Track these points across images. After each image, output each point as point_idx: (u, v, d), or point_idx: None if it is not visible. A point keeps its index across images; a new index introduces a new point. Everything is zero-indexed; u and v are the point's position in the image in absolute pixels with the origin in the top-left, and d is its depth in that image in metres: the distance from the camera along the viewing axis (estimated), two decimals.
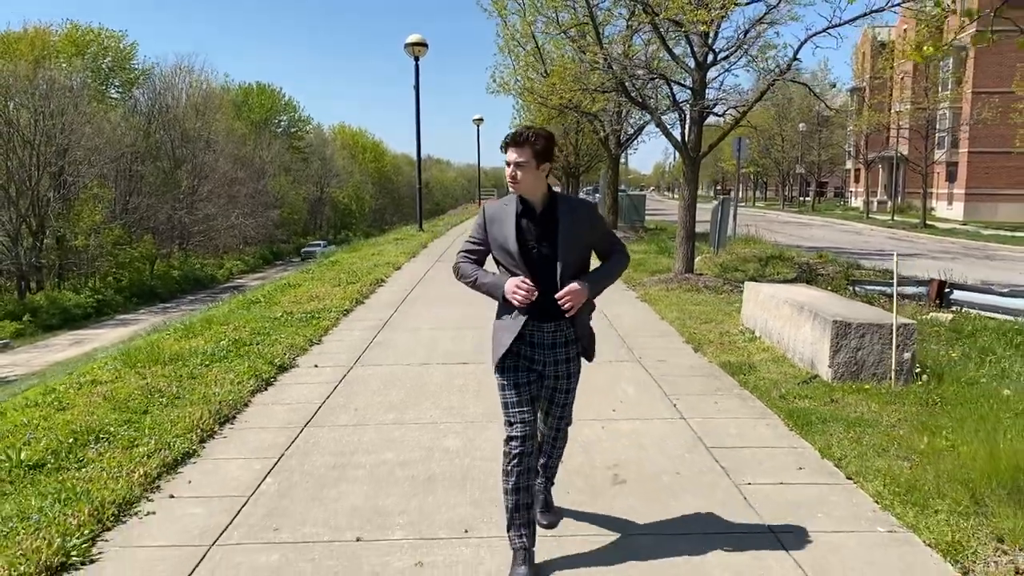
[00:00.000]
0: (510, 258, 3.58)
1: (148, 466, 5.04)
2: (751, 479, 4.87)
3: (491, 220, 3.67)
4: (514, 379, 3.65)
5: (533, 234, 3.59)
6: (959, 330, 9.41)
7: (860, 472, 4.92)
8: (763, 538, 4.09)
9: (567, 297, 3.49)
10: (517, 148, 3.52)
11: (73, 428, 5.77)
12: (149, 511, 4.54)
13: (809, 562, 3.82)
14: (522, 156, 3.51)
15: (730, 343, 8.78)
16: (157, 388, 6.88)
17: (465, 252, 3.77)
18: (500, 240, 3.61)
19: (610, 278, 3.80)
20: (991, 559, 3.78)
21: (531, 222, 3.60)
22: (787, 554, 3.91)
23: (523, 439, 3.57)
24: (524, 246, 3.57)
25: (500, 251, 3.64)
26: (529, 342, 3.67)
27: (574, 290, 3.51)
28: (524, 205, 3.62)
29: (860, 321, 7.08)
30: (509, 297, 3.50)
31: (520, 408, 3.61)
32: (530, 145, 3.51)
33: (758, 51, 12.33)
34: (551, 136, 3.62)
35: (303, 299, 11.90)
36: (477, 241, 3.73)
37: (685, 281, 13.26)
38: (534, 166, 3.54)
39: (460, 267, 3.77)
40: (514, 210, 3.61)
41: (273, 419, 6.27)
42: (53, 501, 4.48)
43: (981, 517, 4.21)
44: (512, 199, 3.66)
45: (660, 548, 3.96)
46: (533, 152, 3.52)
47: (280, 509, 4.56)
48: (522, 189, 3.57)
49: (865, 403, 6.38)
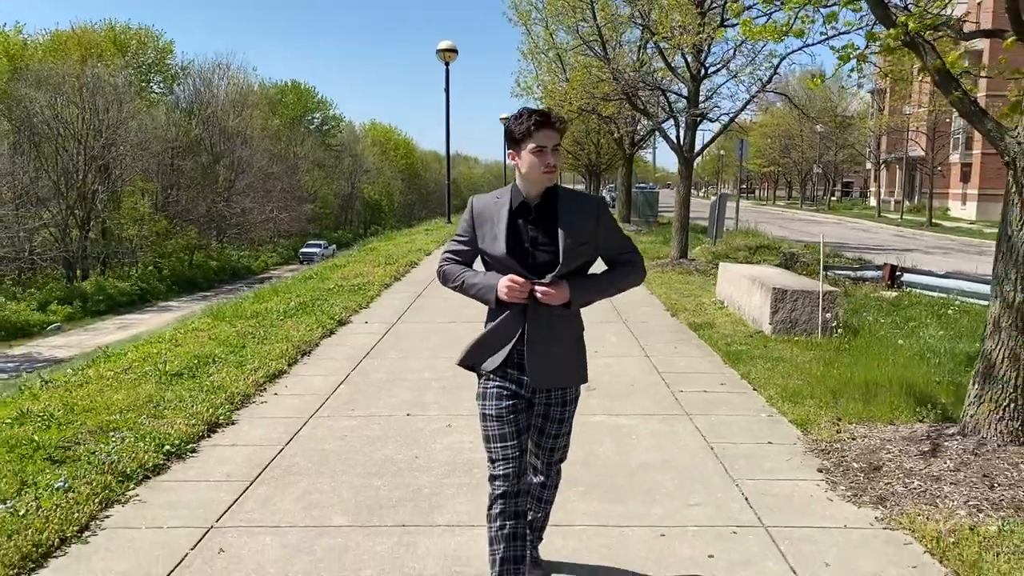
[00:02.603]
0: (500, 263, 3.04)
1: (256, 376, 7.12)
2: (685, 388, 6.86)
3: (480, 218, 3.12)
4: (497, 407, 3.10)
5: (529, 236, 3.04)
6: (897, 304, 11.31)
7: (763, 385, 6.89)
8: (681, 417, 6.07)
9: (544, 291, 2.97)
10: (552, 129, 2.96)
11: (193, 355, 7.87)
12: (263, 401, 6.62)
13: (706, 428, 5.80)
14: (556, 139, 2.99)
15: (702, 311, 10.74)
16: (248, 332, 8.98)
17: (450, 253, 3.25)
18: (489, 241, 3.07)
19: (610, 288, 3.19)
20: (824, 425, 5.73)
21: (527, 221, 3.05)
22: (693, 424, 5.89)
23: (509, 478, 3.05)
24: (519, 250, 3.03)
25: (489, 255, 3.09)
26: (517, 363, 3.11)
27: (554, 288, 2.98)
28: (520, 200, 3.06)
29: (795, 288, 9.01)
30: (503, 295, 2.98)
31: (505, 443, 3.08)
32: (561, 127, 3.01)
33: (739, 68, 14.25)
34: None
35: (350, 276, 14.03)
36: (463, 240, 3.19)
37: (679, 265, 15.22)
38: (560, 151, 3.07)
39: (444, 270, 3.24)
40: (507, 207, 3.06)
41: (339, 354, 8.34)
42: (199, 391, 6.56)
43: (833, 408, 6.16)
44: (505, 193, 3.11)
45: (611, 421, 5.95)
46: (561, 135, 3.04)
47: (352, 401, 6.61)
48: (554, 180, 3.05)
49: (790, 349, 8.32)
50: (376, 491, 4.66)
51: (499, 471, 3.06)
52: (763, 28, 6.61)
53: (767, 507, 4.42)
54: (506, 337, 3.09)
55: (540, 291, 2.96)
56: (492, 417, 3.11)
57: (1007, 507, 4.25)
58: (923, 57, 4.89)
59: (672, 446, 5.42)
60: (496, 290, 3.00)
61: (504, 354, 3.09)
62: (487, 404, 3.13)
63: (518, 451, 3.09)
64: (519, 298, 2.97)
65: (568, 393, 3.22)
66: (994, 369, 4.89)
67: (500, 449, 3.08)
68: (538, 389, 3.15)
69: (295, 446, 5.47)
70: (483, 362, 3.14)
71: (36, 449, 5.15)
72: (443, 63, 28.00)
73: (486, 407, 3.13)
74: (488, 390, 3.14)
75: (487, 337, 3.13)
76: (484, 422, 3.14)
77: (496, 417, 3.10)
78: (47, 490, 4.47)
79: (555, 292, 2.97)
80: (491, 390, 3.13)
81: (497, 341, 3.11)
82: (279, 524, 4.23)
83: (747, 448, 5.40)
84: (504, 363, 3.11)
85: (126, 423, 5.70)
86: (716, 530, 4.13)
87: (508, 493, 3.04)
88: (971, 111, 4.87)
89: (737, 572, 3.70)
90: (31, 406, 6.10)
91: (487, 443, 3.13)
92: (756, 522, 4.24)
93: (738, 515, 4.33)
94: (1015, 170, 4.75)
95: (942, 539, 3.93)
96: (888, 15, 4.97)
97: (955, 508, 4.29)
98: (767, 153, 70.58)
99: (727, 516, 4.31)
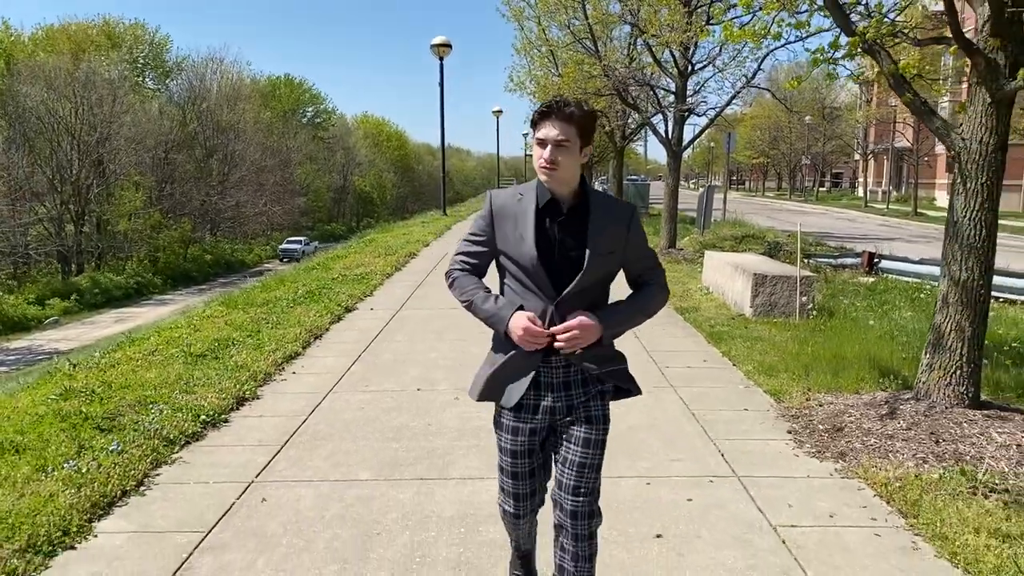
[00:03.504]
0: (524, 269, 2.72)
1: (275, 357, 7.69)
2: (670, 365, 7.46)
3: (500, 215, 2.78)
4: (512, 442, 2.88)
5: (557, 238, 2.72)
6: (874, 288, 11.95)
7: (742, 361, 7.49)
8: (667, 389, 6.66)
9: (569, 335, 2.64)
10: (561, 122, 2.63)
11: (213, 338, 8.43)
12: (283, 379, 7.19)
13: (688, 396, 6.40)
14: (565, 134, 2.63)
15: (688, 296, 11.34)
16: (261, 318, 9.55)
17: (464, 255, 2.89)
18: (513, 243, 2.74)
19: (641, 315, 2.88)
20: (796, 395, 6.34)
21: (555, 222, 2.73)
22: (677, 395, 6.49)
23: (519, 518, 3.02)
24: (547, 254, 2.70)
25: (511, 258, 2.76)
26: (533, 382, 2.81)
27: (584, 325, 2.65)
28: (548, 199, 2.73)
29: (774, 274, 9.62)
30: (516, 340, 2.68)
31: (517, 482, 2.92)
32: (576, 121, 2.64)
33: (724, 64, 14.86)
34: (594, 111, 2.81)
35: (352, 266, 14.59)
36: (479, 240, 2.84)
37: (668, 254, 15.83)
38: (577, 149, 2.67)
39: (456, 278, 2.88)
40: (533, 204, 2.73)
41: (349, 337, 8.91)
42: (223, 370, 7.13)
43: (804, 380, 6.76)
44: (529, 189, 2.78)
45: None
46: (579, 130, 2.66)
47: (365, 378, 7.18)
48: (560, 180, 2.69)
49: (768, 329, 8.93)
50: (395, 452, 5.24)
51: (509, 507, 2.99)
52: (743, 31, 7.18)
53: (740, 461, 5.02)
54: (521, 374, 2.82)
55: (564, 339, 2.65)
56: (507, 451, 2.90)
57: (949, 459, 4.86)
58: (880, 62, 5.47)
59: (658, 413, 6.02)
60: (507, 327, 2.69)
61: (521, 392, 2.81)
62: (503, 436, 2.91)
63: (530, 490, 2.95)
64: (534, 347, 2.68)
65: (592, 407, 2.85)
66: (943, 340, 5.50)
67: (513, 486, 2.94)
68: (557, 411, 2.83)
69: (318, 416, 6.05)
70: (499, 398, 2.87)
71: (85, 419, 5.71)
72: (437, 58, 28.51)
73: (502, 439, 2.92)
74: (504, 420, 2.89)
75: (500, 373, 2.85)
76: (500, 452, 2.94)
77: (511, 453, 2.89)
78: (102, 452, 5.04)
79: (580, 333, 2.64)
80: (506, 422, 2.88)
81: (510, 378, 2.84)
82: (311, 479, 4.82)
83: (725, 414, 6.00)
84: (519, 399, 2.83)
85: (161, 397, 6.27)
86: (694, 479, 4.74)
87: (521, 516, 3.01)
88: (921, 110, 5.47)
89: (711, 512, 4.30)
90: (72, 383, 6.65)
91: (500, 473, 2.97)
92: (730, 473, 4.84)
93: (714, 468, 4.93)
94: (960, 163, 5.35)
95: (890, 484, 4.55)
96: (848, 24, 5.55)
97: (904, 460, 4.90)
98: (757, 145, 71.24)
99: (704, 468, 4.91)
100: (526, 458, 2.87)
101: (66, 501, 4.27)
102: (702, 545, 3.92)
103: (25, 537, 3.88)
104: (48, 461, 4.87)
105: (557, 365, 2.80)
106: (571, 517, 2.81)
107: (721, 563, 3.75)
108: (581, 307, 2.70)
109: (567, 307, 2.70)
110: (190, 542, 3.99)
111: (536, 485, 2.94)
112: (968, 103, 5.28)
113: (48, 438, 5.30)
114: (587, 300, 2.74)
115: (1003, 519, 4.07)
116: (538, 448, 2.89)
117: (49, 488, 4.44)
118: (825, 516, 4.26)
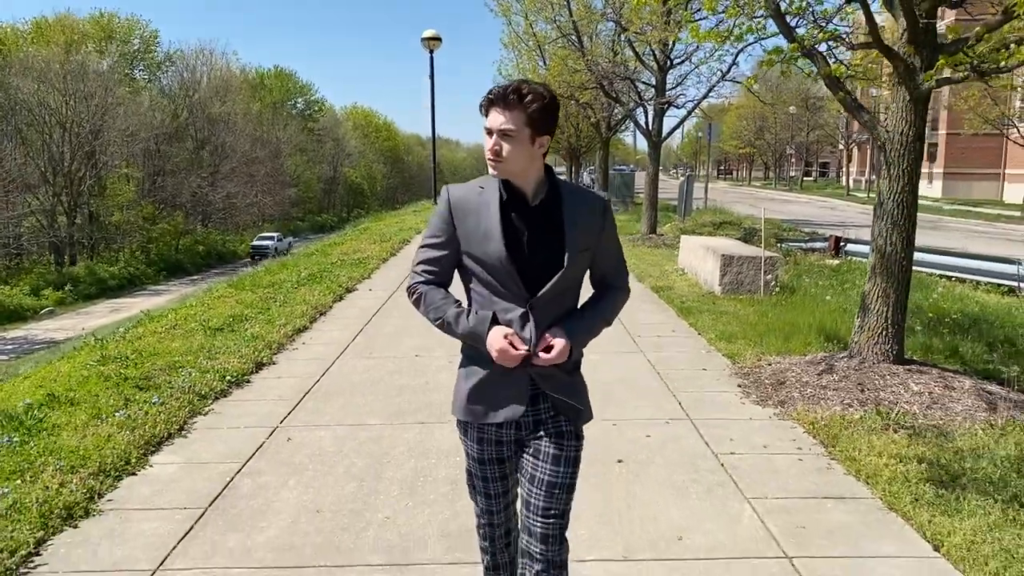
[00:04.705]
0: (492, 269, 2.47)
1: (286, 330, 8.50)
2: (642, 334, 8.31)
3: (461, 211, 2.51)
4: (478, 450, 2.66)
5: (526, 234, 2.48)
6: (838, 269, 12.83)
7: (706, 331, 8.36)
8: (637, 354, 7.52)
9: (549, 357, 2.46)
10: (505, 109, 2.41)
11: (227, 315, 9.23)
12: (294, 348, 8.01)
13: (656, 360, 7.26)
14: (513, 123, 2.40)
15: (664, 277, 12.21)
16: (269, 298, 10.35)
17: (424, 264, 2.59)
18: (477, 241, 2.47)
19: (604, 324, 2.69)
20: (749, 357, 7.20)
21: (522, 217, 2.49)
22: (646, 358, 7.34)
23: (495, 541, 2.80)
24: (516, 251, 2.45)
25: (476, 258, 2.49)
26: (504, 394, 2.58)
27: (560, 349, 2.46)
28: (510, 191, 2.50)
29: (740, 255, 10.48)
30: (496, 358, 2.45)
31: (488, 484, 2.69)
32: (523, 107, 2.40)
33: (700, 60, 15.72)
34: (553, 98, 2.49)
35: (349, 252, 15.41)
36: (439, 242, 2.55)
37: (649, 240, 16.70)
38: (527, 138, 2.42)
39: (422, 293, 2.59)
40: (496, 196, 2.49)
41: (351, 313, 9.73)
42: (241, 341, 7.94)
43: (759, 346, 7.63)
44: (491, 182, 2.53)
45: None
46: (528, 117, 2.40)
47: (369, 347, 8.00)
48: (508, 171, 2.46)
49: (734, 305, 9.80)
50: (398, 404, 6.08)
51: (483, 521, 2.77)
52: (708, 33, 8.00)
53: (694, 408, 5.88)
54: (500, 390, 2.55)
55: (546, 358, 2.44)
56: (474, 458, 2.66)
57: (870, 404, 5.72)
58: (817, 64, 6.31)
59: (627, 372, 6.87)
60: (484, 340, 2.45)
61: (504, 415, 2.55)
62: (468, 443, 2.67)
63: (502, 491, 2.70)
64: (513, 364, 2.44)
65: (562, 421, 2.59)
66: (871, 305, 6.36)
67: (483, 490, 2.70)
68: (523, 425, 2.58)
69: (329, 378, 6.88)
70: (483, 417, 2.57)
71: (124, 379, 6.52)
72: (427, 51, 29.21)
73: (467, 445, 2.68)
74: (468, 428, 2.64)
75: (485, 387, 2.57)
76: (467, 458, 2.71)
77: (479, 460, 2.65)
78: (146, 404, 5.85)
79: (560, 351, 2.44)
80: (471, 430, 2.63)
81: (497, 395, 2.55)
82: (328, 423, 5.65)
83: (686, 373, 6.86)
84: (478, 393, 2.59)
85: (188, 363, 7.08)
86: (654, 421, 5.59)
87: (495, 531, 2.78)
88: (851, 106, 6.32)
89: (667, 445, 5.15)
90: (106, 352, 7.46)
91: (471, 490, 2.74)
92: (684, 416, 5.70)
93: (671, 413, 5.78)
94: (885, 152, 6.20)
95: (817, 424, 5.41)
96: (791, 31, 6.38)
97: (832, 405, 5.77)
98: (743, 135, 72.23)
99: (663, 413, 5.77)
100: (494, 465, 2.66)
101: (123, 440, 5.08)
102: (655, 468, 4.77)
103: (96, 465, 4.69)
104: (101, 411, 5.68)
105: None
106: (541, 541, 2.54)
107: (669, 479, 4.60)
108: (558, 311, 2.51)
109: (542, 311, 2.47)
110: (231, 470, 4.81)
111: (509, 488, 2.71)
112: (891, 100, 6.12)
113: (97, 393, 6.12)
114: (563, 303, 2.53)
115: (904, 447, 4.93)
116: (506, 457, 2.65)
117: (106, 431, 5.25)
118: (760, 447, 5.12)
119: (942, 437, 5.12)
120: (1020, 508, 4.05)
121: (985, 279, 12.39)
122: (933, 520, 3.97)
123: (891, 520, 4.07)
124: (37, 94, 49.03)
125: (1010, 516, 3.98)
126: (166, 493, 4.48)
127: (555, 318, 2.51)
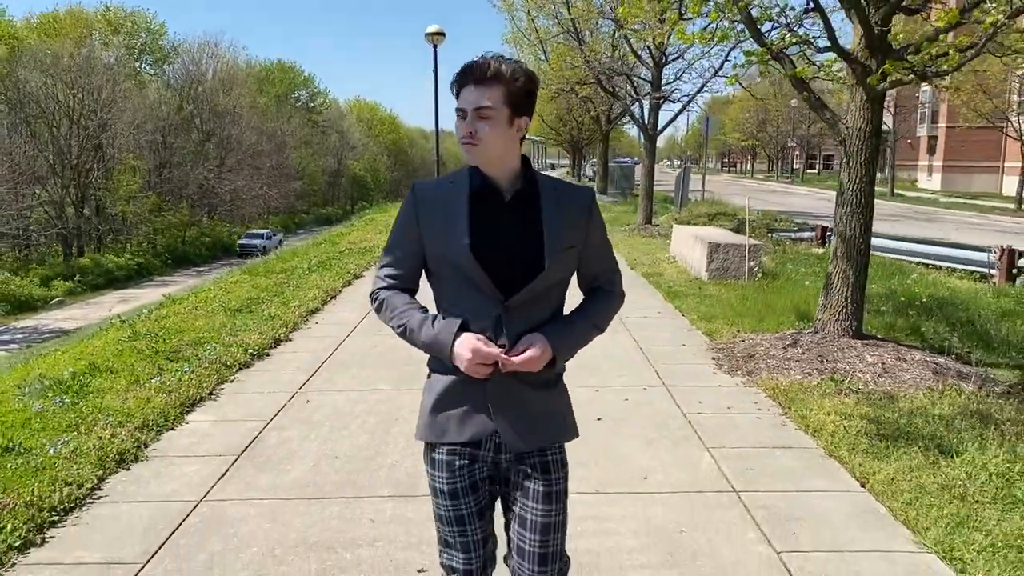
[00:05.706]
0: (458, 268, 2.16)
1: (300, 311, 9.18)
2: (630, 316, 8.96)
3: (427, 206, 2.21)
4: (450, 481, 2.28)
5: (499, 230, 2.16)
6: (822, 258, 13.45)
7: (689, 312, 9.02)
8: (623, 332, 8.17)
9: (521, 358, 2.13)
10: (480, 86, 2.09)
11: (244, 297, 9.91)
12: (308, 327, 8.69)
13: (640, 337, 7.92)
14: (490, 99, 2.09)
15: (656, 264, 12.87)
16: (283, 283, 11.04)
17: (387, 268, 2.34)
18: (443, 238, 2.17)
19: (596, 332, 2.44)
20: (726, 334, 7.86)
21: (494, 209, 2.18)
22: (631, 336, 8.00)
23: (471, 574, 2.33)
24: (486, 247, 2.13)
25: (443, 259, 2.19)
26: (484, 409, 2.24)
27: (532, 356, 2.14)
28: (483, 182, 2.18)
29: (726, 242, 11.13)
30: (463, 368, 2.14)
31: (463, 527, 2.30)
32: (503, 84, 2.09)
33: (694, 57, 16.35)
34: (533, 75, 2.20)
35: (356, 241, 16.10)
36: (402, 244, 2.28)
37: (644, 230, 17.36)
38: (505, 118, 2.12)
39: (383, 300, 2.34)
40: (465, 190, 2.18)
41: (359, 296, 10.41)
42: (259, 320, 8.62)
43: (736, 325, 8.28)
44: (460, 176, 2.23)
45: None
46: (506, 95, 2.10)
47: (377, 326, 8.57)
48: (484, 156, 2.14)
49: (719, 289, 10.45)
50: (403, 373, 6.74)
51: (458, 562, 2.32)
52: (694, 34, 8.62)
53: (670, 377, 6.54)
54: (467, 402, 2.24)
55: (519, 360, 2.12)
56: (445, 493, 2.28)
57: (827, 373, 6.38)
58: (784, 66, 6.95)
59: (613, 347, 7.52)
60: (448, 348, 2.14)
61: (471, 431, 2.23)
62: (436, 475, 2.29)
63: (480, 535, 2.32)
64: (483, 373, 2.15)
65: (550, 454, 2.29)
66: (833, 285, 7.01)
67: (457, 534, 2.30)
68: (502, 448, 2.26)
69: (341, 352, 7.55)
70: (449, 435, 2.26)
71: (156, 352, 7.21)
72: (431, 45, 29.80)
73: (435, 479, 2.30)
74: (436, 456, 2.29)
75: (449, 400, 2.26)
76: (435, 496, 2.31)
77: (450, 494, 2.27)
78: (178, 373, 6.53)
79: (533, 356, 2.13)
80: (440, 457, 2.28)
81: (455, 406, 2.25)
82: (342, 389, 6.32)
83: (667, 348, 7.52)
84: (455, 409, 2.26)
85: (212, 339, 7.76)
86: (633, 388, 6.25)
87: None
88: (815, 105, 6.96)
89: (642, 407, 5.81)
90: (136, 329, 8.14)
91: (439, 523, 2.33)
92: (660, 383, 6.36)
93: (649, 381, 6.45)
94: (845, 147, 6.84)
95: (778, 389, 6.07)
96: (760, 36, 7.01)
97: (794, 374, 6.42)
98: (745, 127, 72.71)
99: (641, 382, 6.43)
100: (469, 495, 2.27)
101: (161, 401, 5.76)
102: (630, 425, 5.44)
103: (140, 421, 5.37)
104: (139, 378, 6.37)
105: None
106: None
107: (641, 434, 5.26)
108: (539, 316, 2.22)
109: (518, 316, 2.17)
110: (258, 426, 5.49)
111: (488, 527, 2.35)
112: (849, 100, 6.77)
113: (132, 364, 6.81)
114: (545, 308, 2.25)
115: (851, 407, 5.59)
116: (480, 482, 2.30)
117: (145, 394, 5.93)
118: (724, 408, 5.78)
119: (887, 399, 5.78)
120: (940, 455, 4.71)
121: (961, 266, 13.02)
122: (864, 464, 4.63)
123: (829, 464, 4.74)
124: (45, 87, 49.71)
125: (930, 460, 4.64)
126: (203, 444, 5.16)
127: (536, 324, 2.20)
